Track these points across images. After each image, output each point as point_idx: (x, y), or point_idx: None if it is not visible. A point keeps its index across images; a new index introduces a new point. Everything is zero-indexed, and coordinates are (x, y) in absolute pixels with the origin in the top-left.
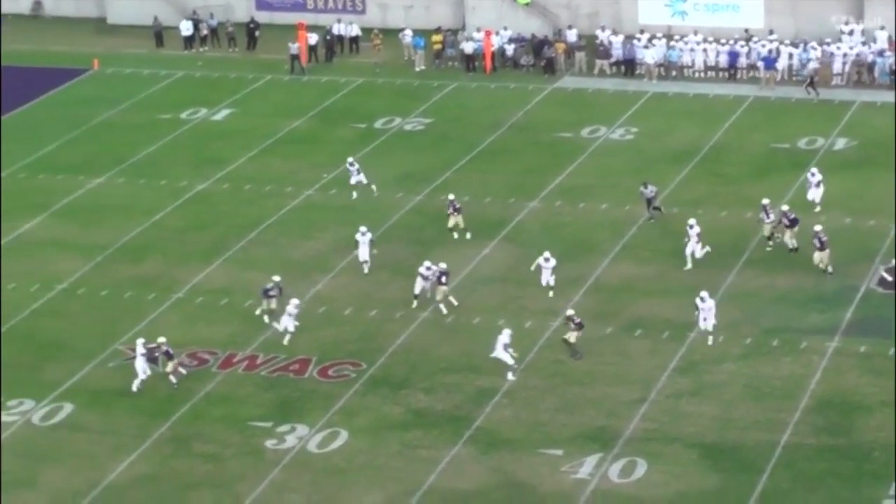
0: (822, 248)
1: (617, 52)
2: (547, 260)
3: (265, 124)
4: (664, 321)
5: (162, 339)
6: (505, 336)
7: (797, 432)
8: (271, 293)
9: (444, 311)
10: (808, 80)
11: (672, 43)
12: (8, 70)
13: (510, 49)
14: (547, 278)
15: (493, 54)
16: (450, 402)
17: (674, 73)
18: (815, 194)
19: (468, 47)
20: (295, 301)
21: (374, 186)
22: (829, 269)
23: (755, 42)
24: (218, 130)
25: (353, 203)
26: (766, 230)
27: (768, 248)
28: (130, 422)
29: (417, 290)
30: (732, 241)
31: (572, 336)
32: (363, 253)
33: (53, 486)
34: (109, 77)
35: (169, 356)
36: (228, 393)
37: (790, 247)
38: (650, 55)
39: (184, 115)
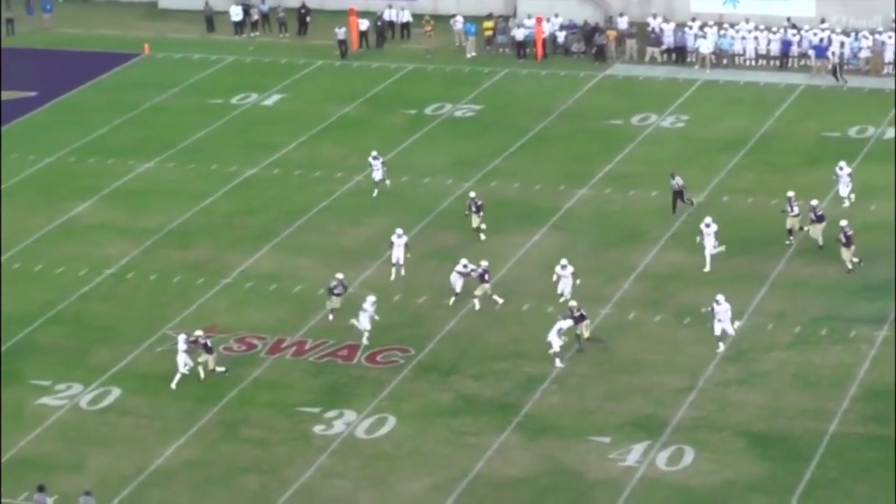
0: (847, 245)
1: (668, 40)
2: (564, 267)
3: (315, 110)
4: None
5: (199, 333)
6: (564, 323)
7: (845, 421)
8: (335, 291)
9: (478, 306)
10: (833, 69)
11: (723, 31)
12: (59, 54)
13: (561, 36)
14: (563, 287)
15: (544, 41)
16: (498, 388)
17: (725, 61)
18: (845, 190)
19: (519, 34)
20: (371, 298)
21: (387, 181)
22: (854, 260)
23: (806, 31)
24: (268, 116)
25: (403, 190)
26: (789, 223)
27: (788, 243)
28: (178, 406)
29: (458, 289)
30: (781, 229)
31: (584, 330)
32: (397, 254)
33: (101, 470)
34: (160, 62)
35: (207, 350)
36: (277, 378)
37: (819, 243)
38: (705, 45)
39: (234, 100)
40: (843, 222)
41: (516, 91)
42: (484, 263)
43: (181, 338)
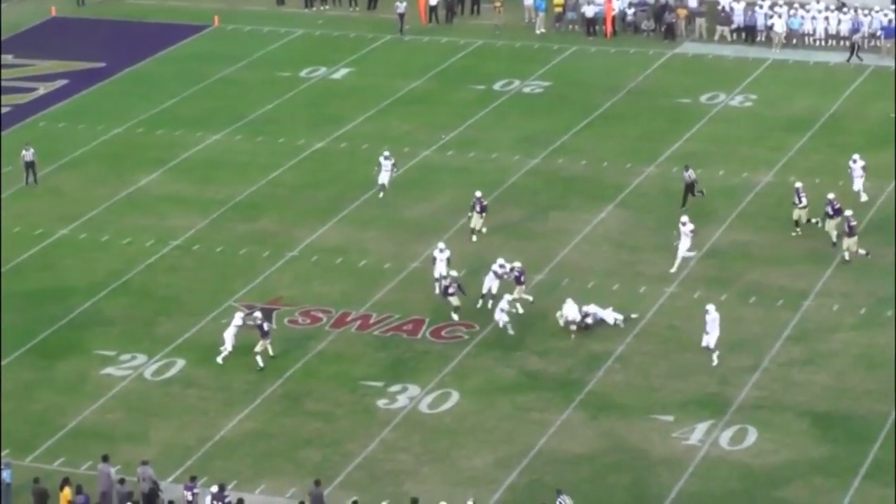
0: (850, 235)
1: (738, 19)
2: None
3: (384, 84)
4: (779, 289)
5: (258, 314)
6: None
7: None
8: (450, 291)
9: (521, 310)
10: (852, 49)
11: (793, 11)
12: (129, 25)
13: (630, 13)
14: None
15: (613, 18)
16: (562, 365)
17: (794, 41)
18: (859, 184)
19: (589, 11)
20: (508, 297)
21: (387, 185)
22: (861, 252)
23: (877, 11)
24: (336, 89)
25: (470, 165)
26: (795, 214)
27: (794, 234)
28: (242, 378)
29: (485, 290)
30: (848, 210)
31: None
32: (440, 269)
33: (164, 440)
34: (229, 34)
35: (263, 334)
36: (341, 351)
37: (833, 240)
38: (779, 24)
39: (303, 74)
40: (848, 212)
41: (585, 68)
42: (518, 265)
43: (238, 315)
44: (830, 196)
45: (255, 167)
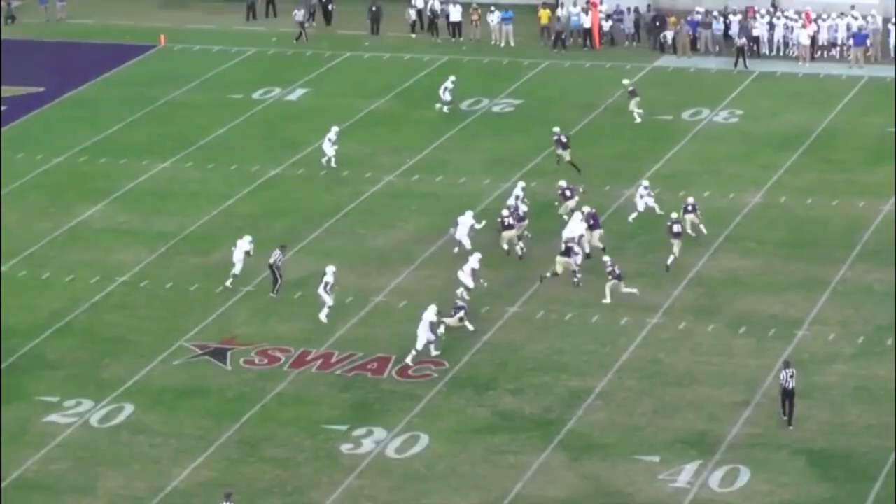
0: (676, 237)
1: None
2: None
3: (343, 105)
4: (770, 318)
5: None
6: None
7: None
8: (460, 314)
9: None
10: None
11: (776, 20)
12: (69, 46)
13: (607, 26)
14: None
15: (600, 29)
16: (539, 404)
17: (782, 51)
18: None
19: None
20: (478, 255)
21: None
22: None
23: (845, 17)
24: (292, 111)
25: (438, 189)
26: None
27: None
28: (195, 424)
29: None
30: (844, 232)
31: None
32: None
33: (113, 491)
34: (176, 54)
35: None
36: (301, 393)
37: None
38: (804, 36)
39: (256, 95)
40: (674, 215)
41: (558, 84)
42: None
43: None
44: (690, 200)
45: (207, 196)
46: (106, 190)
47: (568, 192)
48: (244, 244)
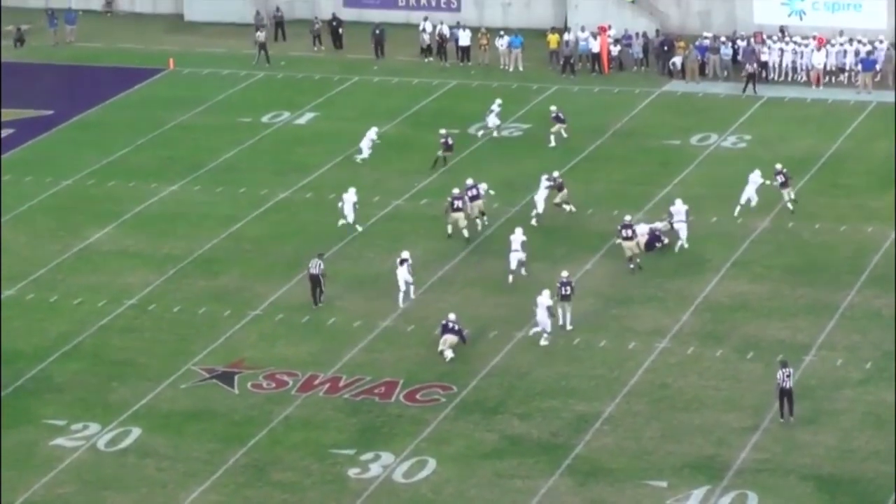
0: (629, 240)
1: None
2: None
3: (352, 129)
4: (778, 343)
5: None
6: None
7: None
8: (455, 329)
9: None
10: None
11: (784, 46)
12: (77, 69)
13: (615, 50)
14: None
15: (608, 54)
16: (547, 428)
17: (790, 76)
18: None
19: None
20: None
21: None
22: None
23: (847, 42)
24: (301, 135)
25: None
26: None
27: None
28: (203, 447)
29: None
30: (852, 257)
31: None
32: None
33: None
34: (185, 77)
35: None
36: (309, 417)
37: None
38: (818, 59)
39: (265, 119)
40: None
41: (567, 108)
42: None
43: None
44: (627, 218)
45: (215, 219)
46: (114, 213)
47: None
48: (351, 196)
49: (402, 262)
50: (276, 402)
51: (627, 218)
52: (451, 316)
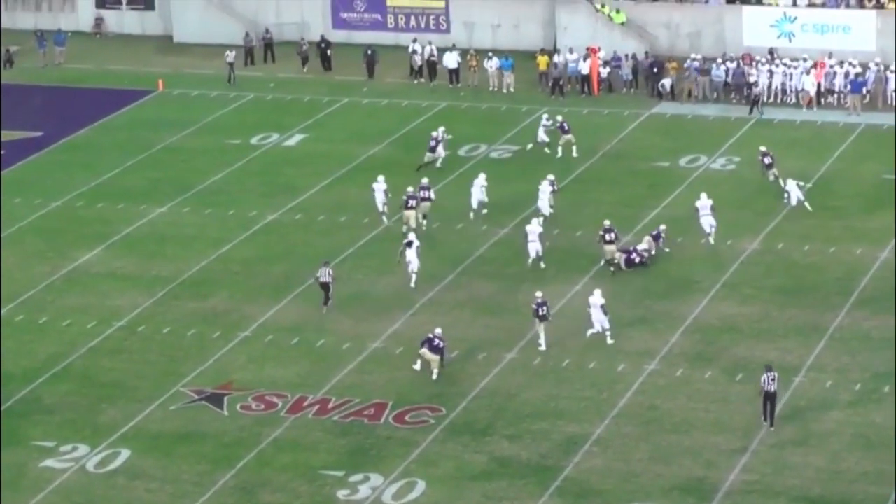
0: (611, 244)
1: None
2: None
3: (341, 150)
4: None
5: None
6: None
7: None
8: (435, 344)
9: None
10: (753, 101)
11: (774, 67)
12: (66, 91)
13: (605, 72)
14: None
15: (598, 76)
16: (536, 450)
17: (779, 98)
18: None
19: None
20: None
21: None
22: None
23: (843, 65)
24: (290, 157)
25: (435, 234)
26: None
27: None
28: (192, 469)
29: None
30: (841, 278)
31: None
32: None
33: None
34: (174, 99)
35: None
36: (298, 439)
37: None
38: (809, 82)
39: (254, 141)
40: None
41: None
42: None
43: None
44: (607, 222)
45: (204, 241)
46: (103, 234)
47: (565, 126)
48: (381, 185)
49: (409, 244)
50: (265, 423)
51: (607, 223)
52: (438, 331)
